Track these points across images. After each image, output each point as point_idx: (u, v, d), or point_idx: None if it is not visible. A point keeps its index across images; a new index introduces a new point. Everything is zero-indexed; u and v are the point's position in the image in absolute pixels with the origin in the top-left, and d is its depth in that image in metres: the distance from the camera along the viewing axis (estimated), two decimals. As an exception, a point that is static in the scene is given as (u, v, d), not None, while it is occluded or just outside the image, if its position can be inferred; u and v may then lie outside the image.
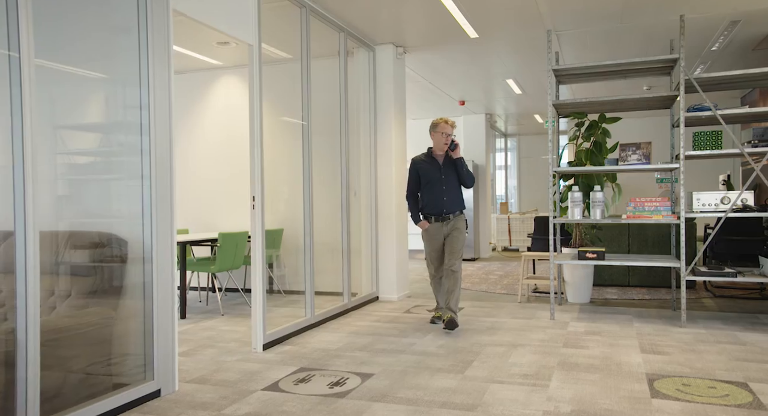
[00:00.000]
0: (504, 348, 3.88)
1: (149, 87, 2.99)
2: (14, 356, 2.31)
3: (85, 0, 2.72)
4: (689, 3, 4.84)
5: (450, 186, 4.49)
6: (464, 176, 4.49)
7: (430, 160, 4.55)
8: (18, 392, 2.30)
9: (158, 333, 3.02)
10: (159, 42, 3.03)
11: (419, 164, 4.56)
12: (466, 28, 5.44)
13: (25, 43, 2.32)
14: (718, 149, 4.64)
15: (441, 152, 4.54)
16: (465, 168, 4.48)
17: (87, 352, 2.75)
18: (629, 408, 2.73)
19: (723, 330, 4.33)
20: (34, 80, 2.37)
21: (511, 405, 2.78)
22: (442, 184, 4.47)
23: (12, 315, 2.34)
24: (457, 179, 4.53)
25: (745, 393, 2.91)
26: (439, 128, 4.49)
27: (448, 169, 4.51)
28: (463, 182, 4.52)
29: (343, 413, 2.72)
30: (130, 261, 2.96)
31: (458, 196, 4.52)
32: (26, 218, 2.33)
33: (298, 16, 4.57)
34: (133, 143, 2.95)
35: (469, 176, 4.50)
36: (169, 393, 3.04)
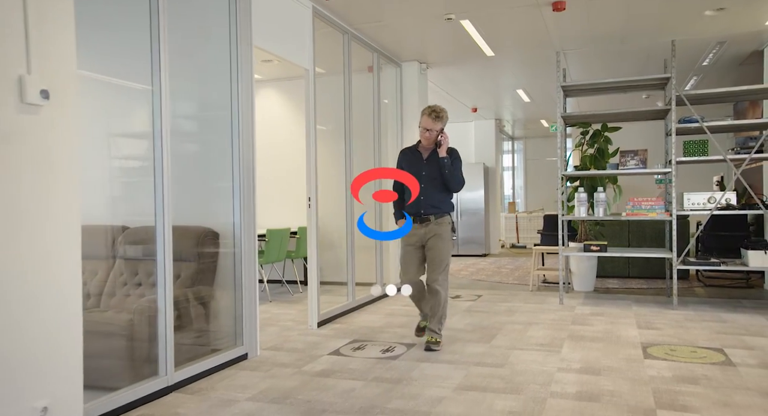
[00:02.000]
0: (521, 326, 4.59)
1: (238, 106, 3.70)
2: (156, 319, 3.03)
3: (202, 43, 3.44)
4: (680, 28, 5.54)
5: (430, 184, 3.85)
6: (446, 177, 3.81)
7: (415, 153, 3.97)
8: (160, 345, 3.01)
9: (245, 309, 3.73)
10: (245, 69, 3.74)
11: (405, 156, 4.02)
12: (483, 48, 6.14)
13: (163, 76, 3.04)
14: (705, 156, 5.34)
15: (429, 146, 3.93)
16: (449, 170, 3.80)
17: (195, 321, 3.47)
18: (626, 365, 3.43)
19: (709, 312, 5.03)
20: (169, 110, 3.08)
21: (532, 364, 3.48)
22: (423, 180, 3.85)
23: (154, 289, 3.06)
24: (442, 178, 3.85)
25: (719, 355, 3.62)
26: (421, 120, 3.88)
27: (433, 165, 3.87)
28: (445, 183, 3.85)
29: (398, 370, 3.43)
30: (222, 250, 3.67)
31: (440, 196, 3.86)
32: (164, 216, 3.04)
33: (341, 40, 5.28)
34: (226, 150, 3.66)
35: (454, 178, 3.83)
36: (254, 357, 3.75)
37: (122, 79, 3.02)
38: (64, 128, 2.22)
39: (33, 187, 2.10)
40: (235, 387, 3.14)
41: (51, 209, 2.17)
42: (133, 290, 3.35)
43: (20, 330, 2.06)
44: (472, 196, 10.73)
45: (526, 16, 5.16)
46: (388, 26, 5.40)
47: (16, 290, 2.04)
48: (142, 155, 3.04)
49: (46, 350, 2.15)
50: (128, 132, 3.09)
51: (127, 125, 3.09)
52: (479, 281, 7.30)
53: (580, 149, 6.32)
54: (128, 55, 3.03)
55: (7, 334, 2.01)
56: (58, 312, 2.20)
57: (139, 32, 2.99)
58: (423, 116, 3.85)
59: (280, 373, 3.39)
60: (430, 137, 3.82)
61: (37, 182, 2.11)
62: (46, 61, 2.15)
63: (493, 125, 11.29)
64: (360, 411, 2.74)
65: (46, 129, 2.15)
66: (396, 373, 3.36)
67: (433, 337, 3.86)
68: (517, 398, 2.89)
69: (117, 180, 3.02)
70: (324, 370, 3.44)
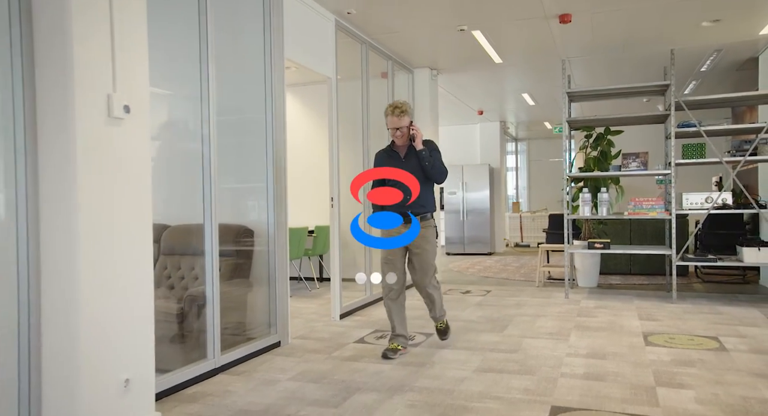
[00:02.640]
0: (530, 317, 4.91)
1: (272, 112, 4.03)
2: (204, 307, 3.36)
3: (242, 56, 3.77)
4: (679, 37, 5.86)
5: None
6: (428, 170, 3.66)
7: (391, 153, 3.80)
8: (208, 331, 3.34)
9: (278, 301, 4.06)
10: (277, 79, 4.07)
11: (380, 158, 3.82)
12: (492, 56, 6.47)
13: (211, 86, 3.36)
14: (702, 158, 5.66)
15: (403, 144, 3.77)
16: (430, 161, 3.65)
17: (235, 311, 3.80)
18: (629, 351, 3.75)
19: (706, 305, 5.35)
20: (215, 124, 3.41)
21: (543, 350, 3.81)
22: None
23: (196, 282, 3.39)
24: (424, 174, 3.69)
25: (714, 343, 3.94)
26: (386, 121, 3.71)
27: (412, 162, 3.70)
28: (429, 176, 3.69)
29: (420, 355, 3.75)
30: (257, 246, 4.00)
31: (425, 195, 3.70)
32: (212, 215, 3.37)
33: (359, 49, 5.61)
34: (260, 153, 3.99)
35: (436, 169, 3.67)
36: (286, 345, 4.08)
37: (175, 90, 3.35)
38: (139, 137, 2.55)
39: (116, 187, 2.42)
40: (275, 370, 3.47)
41: (130, 207, 2.49)
42: (177, 282, 3.68)
43: (112, 317, 2.38)
44: (478, 196, 11.05)
45: (534, 27, 5.48)
46: (403, 36, 5.73)
47: (110, 282, 2.37)
48: (187, 159, 3.36)
49: (129, 333, 2.48)
50: (178, 137, 3.41)
51: (179, 130, 3.42)
52: (487, 278, 7.62)
53: (584, 151, 6.64)
54: (181, 68, 3.36)
55: (103, 321, 2.34)
56: (137, 302, 2.53)
57: (191, 48, 3.32)
58: (387, 117, 3.69)
59: (312, 358, 3.72)
60: (402, 134, 3.68)
61: (119, 183, 2.44)
62: (127, 80, 2.48)
63: (498, 127, 11.62)
64: (391, 389, 3.07)
65: (126, 138, 2.48)
66: (419, 358, 3.68)
67: (443, 323, 3.99)
68: (531, 378, 3.21)
69: (161, 182, 3.34)
70: (352, 355, 3.76)
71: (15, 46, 2.27)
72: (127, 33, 2.49)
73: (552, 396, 2.92)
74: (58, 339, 2.28)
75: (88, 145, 2.30)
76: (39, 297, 2.30)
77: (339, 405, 2.85)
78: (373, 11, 4.99)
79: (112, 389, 2.40)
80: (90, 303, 2.30)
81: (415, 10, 5.00)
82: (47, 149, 2.29)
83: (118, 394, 2.43)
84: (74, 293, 2.26)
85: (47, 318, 2.30)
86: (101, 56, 2.36)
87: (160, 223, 3.54)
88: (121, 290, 2.45)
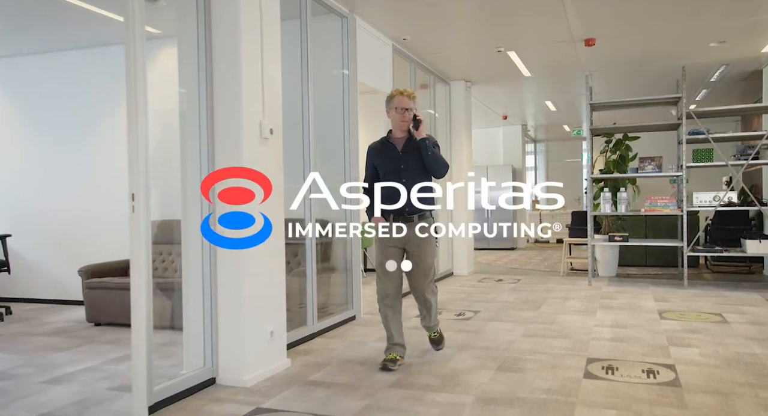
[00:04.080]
0: (560, 299, 5.71)
1: (349, 123, 4.88)
2: (305, 282, 4.21)
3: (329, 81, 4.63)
4: (690, 55, 6.62)
5: (412, 179, 3.36)
6: (430, 160, 3.33)
7: (387, 146, 3.49)
8: (308, 302, 4.20)
9: (353, 280, 4.90)
10: (352, 97, 4.91)
11: (374, 152, 3.53)
12: (522, 70, 7.26)
13: (311, 104, 4.21)
14: (710, 162, 6.43)
15: (402, 134, 3.46)
16: (431, 151, 3.33)
17: (325, 288, 4.64)
18: (646, 323, 4.55)
19: (714, 290, 6.11)
20: (314, 135, 4.26)
21: (575, 323, 4.62)
22: (400, 176, 3.37)
23: (304, 263, 4.24)
24: (423, 169, 3.38)
25: (718, 317, 4.73)
26: (393, 102, 3.40)
27: (410, 156, 3.39)
28: (429, 169, 3.37)
29: (473, 326, 4.57)
30: (335, 235, 4.84)
31: (423, 191, 3.39)
32: (311, 211, 4.22)
33: (408, 67, 6.44)
34: (340, 157, 4.83)
35: (436, 162, 3.35)
36: (359, 318, 4.92)
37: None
38: (277, 151, 3.40)
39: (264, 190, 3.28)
40: (359, 335, 4.31)
41: (273, 206, 3.34)
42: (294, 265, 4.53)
43: (262, 288, 3.24)
44: (502, 195, 11.83)
45: (561, 48, 6.27)
46: (446, 55, 6.55)
47: (259, 263, 3.22)
48: (293, 165, 4.20)
49: (272, 300, 3.33)
50: (286, 149, 4.26)
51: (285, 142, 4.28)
52: (515, 269, 8.42)
53: (604, 155, 7.43)
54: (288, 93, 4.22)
55: (257, 291, 3.19)
56: (276, 278, 3.39)
57: (294, 74, 4.17)
58: (395, 97, 3.40)
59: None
60: (408, 116, 3.38)
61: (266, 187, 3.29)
62: (270, 109, 3.33)
63: (520, 130, 12.40)
64: (458, 347, 3.90)
65: (270, 153, 3.33)
66: (473, 328, 4.51)
67: (436, 332, 3.68)
68: (568, 340, 4.03)
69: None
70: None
71: (202, 89, 3.13)
72: (269, 75, 3.34)
73: (586, 352, 3.73)
74: (229, 303, 3.14)
75: (249, 158, 3.15)
76: (216, 270, 3.16)
77: (421, 356, 3.68)
78: (425, 37, 5.82)
79: (263, 338, 3.26)
80: (249, 278, 3.16)
81: (460, 34, 5.82)
82: (223, 161, 3.15)
83: (266, 341, 3.28)
84: (239, 271, 3.12)
85: (223, 287, 3.16)
86: (256, 92, 3.22)
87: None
88: (268, 268, 3.31)
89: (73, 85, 5.77)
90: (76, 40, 5.56)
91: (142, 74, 2.68)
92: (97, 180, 5.65)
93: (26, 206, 5.94)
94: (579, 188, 14.19)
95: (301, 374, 3.35)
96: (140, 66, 2.67)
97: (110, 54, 5.47)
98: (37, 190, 5.91)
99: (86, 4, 4.55)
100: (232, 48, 3.12)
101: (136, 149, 2.67)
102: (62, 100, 5.80)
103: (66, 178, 5.79)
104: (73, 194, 5.76)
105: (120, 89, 2.75)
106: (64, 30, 5.29)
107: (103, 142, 5.61)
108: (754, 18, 5.40)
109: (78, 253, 5.47)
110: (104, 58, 5.57)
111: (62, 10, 4.70)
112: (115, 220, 5.52)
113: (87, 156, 5.71)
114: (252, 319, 3.17)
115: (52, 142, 5.85)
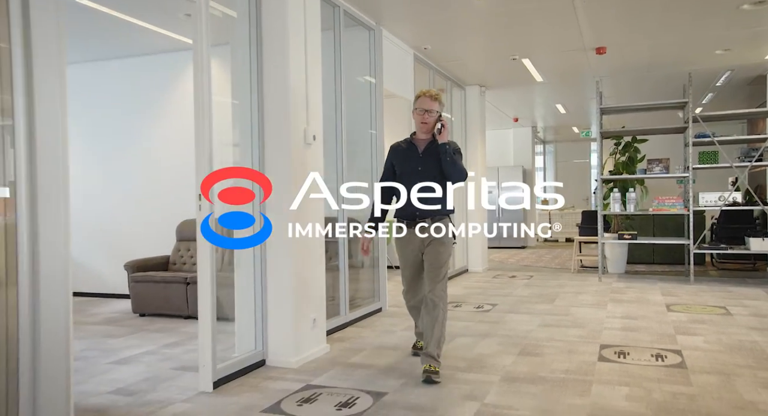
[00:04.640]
0: (572, 294, 6.04)
1: (375, 128, 5.22)
2: (338, 275, 4.56)
3: (357, 91, 4.97)
4: (696, 61, 6.93)
5: (429, 181, 3.32)
6: (448, 166, 3.27)
7: (409, 146, 3.44)
8: (340, 292, 4.54)
9: (380, 275, 5.25)
10: (378, 105, 5.26)
11: (395, 152, 3.49)
12: (535, 76, 7.59)
13: (343, 115, 4.56)
14: (716, 163, 6.74)
15: (425, 136, 3.41)
16: (450, 157, 3.27)
17: (354, 283, 4.99)
18: (654, 315, 4.87)
19: (718, 286, 6.42)
20: (346, 133, 4.61)
21: (587, 315, 4.94)
22: (417, 177, 3.32)
23: (335, 259, 4.59)
24: (440, 173, 3.32)
25: (722, 310, 5.04)
26: (417, 102, 3.37)
27: (429, 160, 3.33)
28: (446, 174, 3.30)
29: (493, 317, 4.91)
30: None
31: (440, 195, 3.32)
32: (343, 210, 4.56)
33: (427, 74, 6.78)
34: (366, 159, 5.18)
35: (453, 167, 3.27)
36: (385, 311, 5.26)
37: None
38: (317, 154, 3.75)
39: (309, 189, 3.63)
40: (387, 325, 4.66)
41: (316, 203, 3.69)
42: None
43: (306, 279, 3.59)
44: (512, 195, 12.16)
45: (573, 56, 6.60)
46: (463, 63, 6.88)
47: (304, 256, 3.56)
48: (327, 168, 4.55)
49: (314, 289, 3.68)
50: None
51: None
52: (527, 266, 8.75)
53: (614, 157, 7.74)
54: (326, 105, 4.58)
55: (302, 282, 3.54)
56: (317, 271, 3.73)
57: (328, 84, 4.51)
58: (418, 98, 3.36)
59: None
60: (430, 118, 3.32)
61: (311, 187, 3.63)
62: (312, 117, 3.68)
63: (530, 131, 12.71)
64: (481, 335, 4.23)
65: (312, 157, 3.68)
66: (492, 319, 4.84)
67: (432, 365, 3.19)
68: (582, 329, 4.36)
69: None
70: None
71: (253, 103, 3.49)
72: (312, 85, 3.70)
73: (599, 339, 4.06)
74: (278, 293, 3.50)
75: (295, 161, 3.50)
76: (266, 264, 3.51)
77: (448, 343, 4.02)
78: (444, 46, 6.16)
79: (307, 324, 3.61)
80: (295, 271, 3.51)
81: (478, 43, 6.15)
82: (272, 165, 3.50)
83: (309, 328, 3.64)
84: (286, 265, 3.48)
85: (272, 280, 3.51)
86: (301, 101, 3.57)
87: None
88: (310, 262, 3.66)
89: (121, 93, 6.11)
90: (123, 50, 5.92)
91: (207, 87, 3.04)
92: (137, 181, 6.02)
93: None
94: (587, 189, 14.50)
95: (341, 357, 3.70)
96: (206, 81, 3.04)
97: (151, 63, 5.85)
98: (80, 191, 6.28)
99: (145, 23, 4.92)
100: (281, 60, 3.47)
101: (203, 154, 3.03)
102: (108, 106, 6.16)
103: (109, 180, 6.16)
104: (113, 194, 6.13)
105: (163, 96, 3.10)
106: (113, 41, 5.65)
107: (143, 146, 5.98)
108: (756, 28, 5.71)
109: (116, 249, 5.85)
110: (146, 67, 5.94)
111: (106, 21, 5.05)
112: (152, 220, 5.90)
113: (126, 161, 6.08)
114: (298, 308, 3.52)
115: (93, 142, 6.20)
